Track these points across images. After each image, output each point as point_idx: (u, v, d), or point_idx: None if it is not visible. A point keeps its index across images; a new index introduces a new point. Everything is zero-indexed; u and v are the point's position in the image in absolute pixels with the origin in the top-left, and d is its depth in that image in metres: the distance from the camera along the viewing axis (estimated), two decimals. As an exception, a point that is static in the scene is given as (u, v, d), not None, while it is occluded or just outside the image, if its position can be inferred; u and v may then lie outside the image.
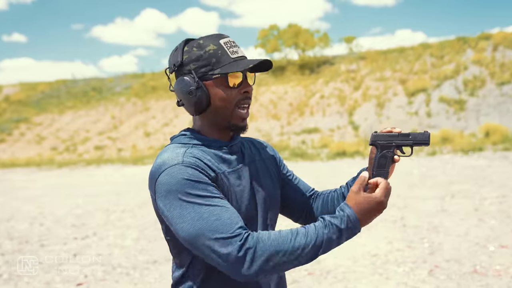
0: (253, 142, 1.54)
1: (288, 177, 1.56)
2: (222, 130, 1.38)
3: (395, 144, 1.39)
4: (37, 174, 17.23)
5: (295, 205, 1.56)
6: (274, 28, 34.77)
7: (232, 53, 1.33)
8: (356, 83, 26.21)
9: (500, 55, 24.43)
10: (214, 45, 1.33)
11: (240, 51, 1.35)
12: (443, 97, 21.79)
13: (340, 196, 1.51)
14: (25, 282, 4.74)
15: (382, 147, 1.39)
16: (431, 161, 13.50)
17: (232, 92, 1.33)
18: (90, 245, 6.06)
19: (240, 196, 1.34)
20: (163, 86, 32.08)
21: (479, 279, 4.22)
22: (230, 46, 1.34)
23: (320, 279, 4.43)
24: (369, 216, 1.26)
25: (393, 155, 1.39)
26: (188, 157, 1.25)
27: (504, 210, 6.85)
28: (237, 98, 1.34)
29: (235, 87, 1.33)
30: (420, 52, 28.57)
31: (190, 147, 1.32)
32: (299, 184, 1.57)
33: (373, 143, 1.41)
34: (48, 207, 9.14)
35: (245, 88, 1.34)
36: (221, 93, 1.33)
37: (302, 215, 1.57)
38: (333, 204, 1.52)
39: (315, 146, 19.27)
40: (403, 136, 1.39)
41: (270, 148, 1.58)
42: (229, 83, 1.32)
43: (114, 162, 19.68)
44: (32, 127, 30.05)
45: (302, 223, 1.58)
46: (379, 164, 1.38)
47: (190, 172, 1.22)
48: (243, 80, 1.34)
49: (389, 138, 1.39)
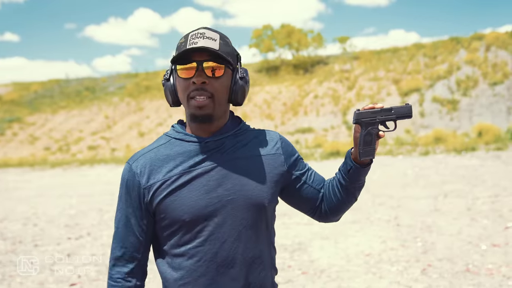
0: (259, 136, 1.47)
1: (302, 177, 1.49)
2: (193, 123, 1.38)
3: (379, 120, 1.40)
4: (30, 174, 17.14)
5: (307, 204, 1.52)
6: (268, 28, 34.81)
7: (189, 44, 1.30)
8: (350, 83, 26.28)
9: (493, 55, 24.58)
10: (184, 38, 1.35)
11: (203, 41, 1.30)
12: (436, 97, 21.90)
13: (337, 183, 1.48)
14: (18, 282, 4.72)
15: (366, 124, 1.39)
16: (424, 161, 13.56)
17: (185, 83, 1.33)
18: (84, 245, 6.05)
19: (191, 196, 1.34)
20: (156, 86, 32.02)
21: (472, 278, 4.25)
22: (194, 37, 1.31)
23: (314, 278, 4.45)
24: None
25: (377, 131, 1.39)
26: (139, 161, 1.39)
27: (496, 210, 6.90)
28: (189, 89, 1.33)
29: (188, 78, 1.32)
30: (413, 52, 28.71)
31: (168, 141, 1.41)
32: (313, 182, 1.51)
33: (357, 121, 1.40)
34: (42, 207, 9.10)
35: (194, 79, 1.31)
36: (178, 84, 1.36)
37: (316, 211, 1.54)
38: (330, 193, 1.49)
39: (309, 146, 19.30)
40: (385, 111, 1.40)
41: (283, 143, 1.49)
42: (179, 74, 1.34)
43: (108, 162, 19.61)
44: (25, 127, 29.89)
45: (317, 218, 1.55)
46: (365, 141, 1.38)
47: (126, 176, 1.39)
48: (197, 71, 1.31)
49: (372, 115, 1.39)
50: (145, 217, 1.39)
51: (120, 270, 1.40)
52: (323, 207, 1.52)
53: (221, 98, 1.35)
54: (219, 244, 1.35)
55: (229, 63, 1.36)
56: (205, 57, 1.31)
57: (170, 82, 1.40)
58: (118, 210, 1.42)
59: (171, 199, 1.34)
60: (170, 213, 1.34)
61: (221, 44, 1.33)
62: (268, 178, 1.42)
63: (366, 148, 1.38)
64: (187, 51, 1.30)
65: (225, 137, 1.40)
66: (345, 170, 1.45)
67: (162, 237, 1.40)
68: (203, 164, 1.36)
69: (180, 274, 1.36)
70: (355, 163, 1.42)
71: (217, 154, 1.38)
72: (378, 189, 8.94)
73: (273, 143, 1.47)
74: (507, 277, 4.21)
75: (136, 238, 1.39)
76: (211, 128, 1.39)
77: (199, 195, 1.34)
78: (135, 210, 1.38)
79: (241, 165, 1.39)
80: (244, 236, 1.37)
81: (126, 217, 1.39)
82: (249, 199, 1.38)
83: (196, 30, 1.35)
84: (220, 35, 1.35)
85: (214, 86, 1.33)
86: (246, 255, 1.38)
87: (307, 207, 1.53)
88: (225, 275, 1.36)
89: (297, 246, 5.52)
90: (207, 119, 1.35)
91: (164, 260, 1.41)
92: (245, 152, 1.41)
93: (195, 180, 1.35)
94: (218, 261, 1.35)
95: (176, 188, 1.34)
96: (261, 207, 1.40)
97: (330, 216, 1.53)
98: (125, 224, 1.39)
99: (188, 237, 1.35)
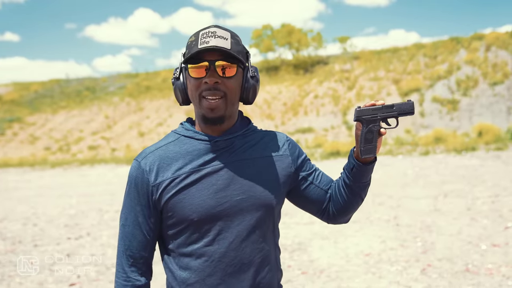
0: (267, 137, 1.47)
1: (308, 178, 1.49)
2: (204, 124, 1.37)
3: (380, 117, 1.38)
4: (30, 174, 17.14)
5: (315, 205, 1.51)
6: (268, 28, 34.79)
7: (201, 43, 1.29)
8: (350, 83, 26.28)
9: (493, 55, 24.57)
10: (194, 36, 1.34)
11: (215, 41, 1.29)
12: (436, 97, 21.90)
13: (342, 183, 1.47)
14: (18, 282, 4.72)
15: (367, 121, 1.38)
16: (424, 160, 13.56)
17: (196, 82, 1.32)
18: (83, 245, 6.05)
19: (200, 195, 1.33)
20: (157, 86, 32.03)
21: (471, 277, 4.25)
22: (205, 36, 1.30)
23: (314, 278, 4.45)
24: None
25: (379, 128, 1.38)
26: (148, 158, 1.37)
27: (496, 210, 6.90)
28: (200, 89, 1.32)
29: (200, 77, 1.31)
30: (413, 52, 28.69)
31: (177, 138, 1.40)
32: (320, 183, 1.50)
33: (358, 118, 1.39)
34: (42, 207, 9.10)
35: (206, 79, 1.30)
36: (189, 83, 1.35)
37: (325, 212, 1.53)
38: (336, 194, 1.48)
39: (309, 146, 19.29)
40: (387, 108, 1.38)
41: (290, 145, 1.49)
42: (190, 73, 1.33)
43: (108, 162, 19.61)
44: (25, 127, 29.88)
45: (326, 220, 1.54)
46: (366, 139, 1.37)
47: (134, 174, 1.37)
48: (209, 70, 1.30)
49: (373, 112, 1.38)
50: (153, 216, 1.37)
51: (128, 269, 1.39)
52: (330, 208, 1.51)
53: (233, 98, 1.35)
54: (227, 244, 1.35)
55: (240, 62, 1.35)
56: (217, 57, 1.31)
57: (180, 80, 1.39)
58: (125, 208, 1.40)
59: (180, 198, 1.33)
60: (178, 212, 1.34)
61: (232, 43, 1.33)
62: (276, 179, 1.42)
63: (367, 146, 1.37)
64: (199, 52, 1.29)
65: (235, 137, 1.40)
66: (348, 169, 1.44)
67: (169, 236, 1.39)
68: (212, 163, 1.36)
69: (188, 274, 1.36)
70: (357, 161, 1.41)
71: (226, 154, 1.38)
72: (378, 189, 8.94)
73: (281, 144, 1.47)
74: (507, 277, 4.20)
75: (144, 236, 1.38)
76: (221, 128, 1.38)
77: (208, 194, 1.34)
78: (143, 208, 1.37)
79: (250, 165, 1.39)
80: (252, 237, 1.37)
81: (134, 215, 1.38)
82: (258, 200, 1.38)
83: (207, 28, 1.33)
84: (231, 34, 1.35)
85: (226, 85, 1.32)
86: (254, 255, 1.38)
87: (315, 208, 1.52)
88: (233, 275, 1.36)
89: (297, 246, 5.52)
90: (218, 120, 1.35)
91: (171, 260, 1.40)
92: (254, 153, 1.41)
93: (204, 179, 1.34)
94: (226, 261, 1.35)
95: (185, 187, 1.33)
96: (269, 208, 1.40)
97: (338, 217, 1.52)
98: (133, 222, 1.38)
99: (196, 236, 1.35)
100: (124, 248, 1.39)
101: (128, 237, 1.38)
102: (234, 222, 1.35)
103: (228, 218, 1.35)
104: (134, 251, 1.38)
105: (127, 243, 1.38)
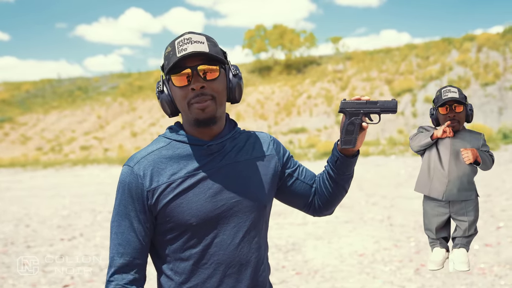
0: (252, 138, 1.49)
1: (294, 174, 1.53)
2: (197, 127, 1.37)
3: (363, 112, 1.42)
4: (22, 174, 17.03)
5: (301, 199, 1.55)
6: (260, 29, 34.80)
7: (179, 52, 1.29)
8: (343, 83, 26.36)
9: (484, 56, 24.76)
10: (170, 46, 1.34)
11: (192, 46, 1.29)
12: (429, 97, 22.00)
13: (326, 176, 1.51)
14: (11, 284, 4.69)
15: (350, 114, 1.42)
16: (416, 160, 13.58)
17: (182, 91, 1.32)
18: (76, 246, 6.02)
19: (197, 200, 1.34)
20: (149, 86, 31.93)
21: (464, 277, 4.28)
22: (182, 44, 1.30)
23: (308, 279, 4.46)
24: None
25: (361, 122, 1.42)
26: (141, 163, 1.34)
27: (488, 209, 6.95)
28: (188, 97, 1.32)
29: (185, 85, 1.31)
30: (406, 52, 28.85)
31: (169, 143, 1.39)
32: (304, 178, 1.54)
33: (342, 110, 1.43)
34: (34, 208, 9.05)
35: (192, 85, 1.30)
36: (175, 93, 1.35)
37: (310, 206, 1.57)
38: (321, 187, 1.52)
39: (302, 146, 19.33)
40: (371, 103, 1.43)
41: (275, 144, 1.52)
42: (174, 83, 1.33)
43: (101, 163, 19.53)
44: (16, 127, 29.68)
45: (312, 213, 1.58)
46: (347, 130, 1.41)
47: (127, 179, 1.34)
48: (192, 77, 1.30)
49: (357, 106, 1.42)
50: (148, 221, 1.36)
51: (122, 277, 1.34)
52: (316, 202, 1.55)
53: (221, 99, 1.36)
54: (225, 246, 1.36)
55: (221, 62, 1.36)
56: (198, 62, 1.31)
57: (165, 92, 1.38)
58: (118, 215, 1.36)
59: (178, 203, 1.33)
60: (176, 217, 1.33)
61: (210, 45, 1.33)
62: (267, 179, 1.46)
63: (347, 137, 1.41)
64: (179, 60, 1.29)
65: (225, 140, 1.41)
66: (332, 162, 1.48)
67: (163, 241, 1.38)
68: (207, 167, 1.36)
69: (185, 278, 1.36)
70: (340, 154, 1.45)
71: (219, 157, 1.39)
72: (371, 189, 8.97)
73: (266, 145, 1.50)
74: (499, 277, 4.24)
75: (140, 242, 1.35)
76: (212, 131, 1.39)
77: (205, 198, 1.34)
78: (138, 213, 1.34)
79: (242, 168, 1.41)
80: (248, 237, 1.39)
81: (128, 221, 1.34)
82: (252, 201, 1.40)
83: (181, 36, 1.33)
84: (206, 37, 1.35)
85: (213, 88, 1.33)
86: (251, 255, 1.40)
87: (301, 203, 1.56)
88: (232, 276, 1.37)
89: (291, 247, 5.53)
90: (211, 121, 1.35)
91: (166, 265, 1.39)
92: (244, 155, 1.43)
93: (200, 183, 1.35)
94: (225, 263, 1.36)
95: (182, 192, 1.33)
96: (262, 208, 1.43)
97: (324, 210, 1.56)
98: (128, 228, 1.35)
99: (194, 241, 1.35)
100: (118, 255, 1.34)
101: (123, 244, 1.34)
102: (230, 225, 1.37)
103: (225, 220, 1.36)
104: (129, 259, 1.34)
105: (121, 251, 1.34)
